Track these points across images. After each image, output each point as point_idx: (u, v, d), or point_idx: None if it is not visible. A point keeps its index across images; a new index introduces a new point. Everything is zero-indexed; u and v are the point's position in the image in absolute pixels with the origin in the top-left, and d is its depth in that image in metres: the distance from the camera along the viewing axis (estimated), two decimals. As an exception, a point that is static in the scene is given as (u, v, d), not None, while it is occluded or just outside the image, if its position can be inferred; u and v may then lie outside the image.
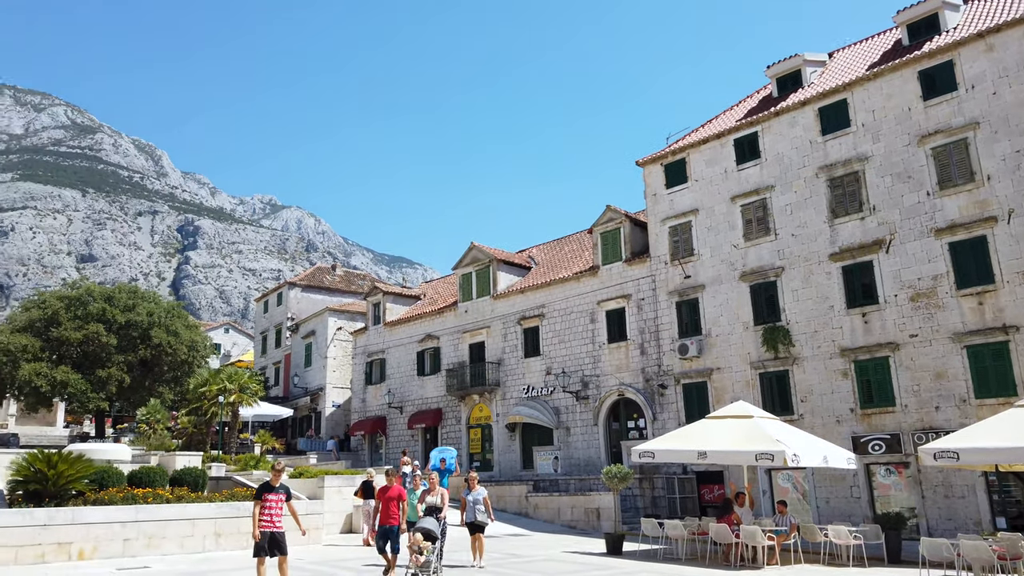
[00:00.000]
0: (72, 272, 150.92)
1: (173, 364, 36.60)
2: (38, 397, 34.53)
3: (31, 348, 33.51)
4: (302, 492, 21.77)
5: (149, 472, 19.52)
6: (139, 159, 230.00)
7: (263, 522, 11.49)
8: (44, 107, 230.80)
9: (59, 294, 37.51)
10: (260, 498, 11.69)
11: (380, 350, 40.32)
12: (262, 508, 11.55)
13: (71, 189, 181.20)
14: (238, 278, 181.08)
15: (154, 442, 31.46)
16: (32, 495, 16.45)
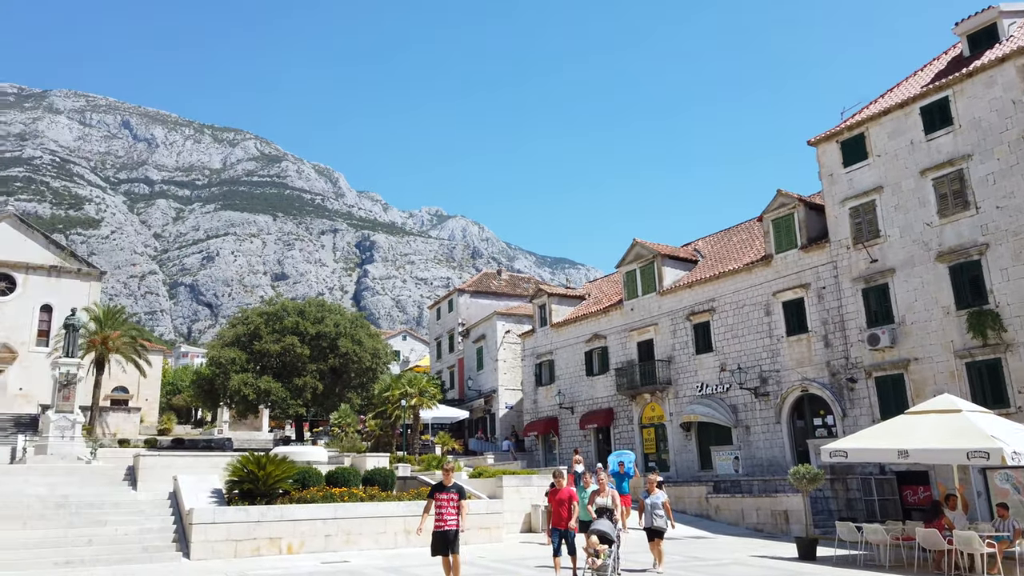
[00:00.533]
0: (268, 290, 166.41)
1: (359, 371, 39.13)
2: (246, 404, 38.27)
3: (238, 360, 37.18)
4: (482, 492, 22.40)
5: (344, 472, 20.92)
6: (319, 182, 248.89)
7: (436, 521, 11.73)
8: (237, 142, 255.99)
9: (259, 310, 41.36)
10: (432, 497, 11.96)
11: (548, 351, 40.76)
12: (436, 507, 11.78)
13: (263, 214, 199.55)
14: (411, 287, 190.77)
15: (346, 444, 33.77)
16: (246, 494, 18.14)
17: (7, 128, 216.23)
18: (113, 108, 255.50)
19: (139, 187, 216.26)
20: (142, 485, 20.61)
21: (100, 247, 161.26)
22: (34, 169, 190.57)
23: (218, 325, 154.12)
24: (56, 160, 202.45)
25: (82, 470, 23.38)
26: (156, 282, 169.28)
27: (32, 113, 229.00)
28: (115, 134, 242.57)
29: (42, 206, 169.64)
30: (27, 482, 19.92)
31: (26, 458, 29.56)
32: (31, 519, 16.51)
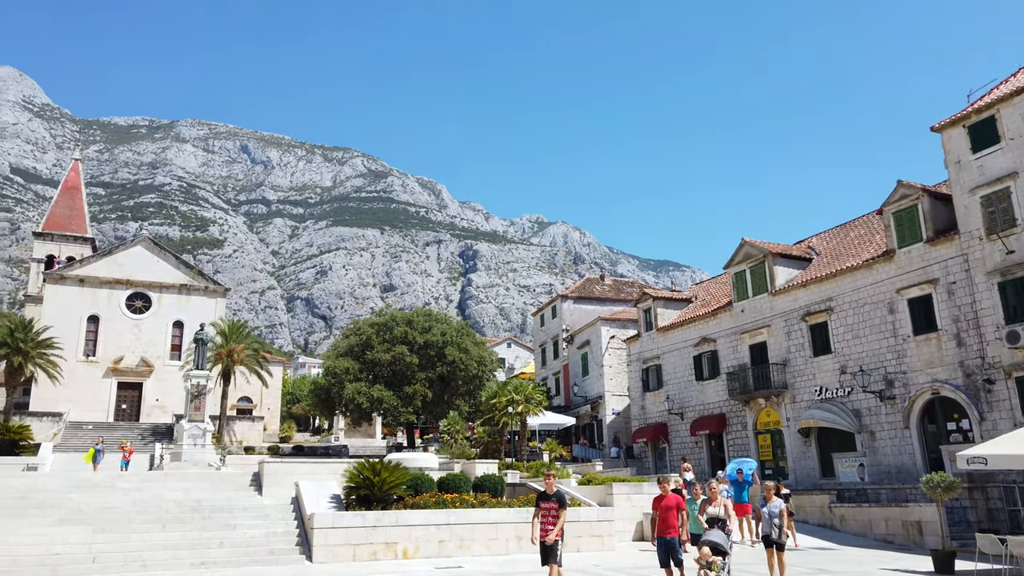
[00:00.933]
0: (378, 301, 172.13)
1: (466, 379, 39.76)
2: (360, 412, 39.63)
3: (352, 370, 38.58)
4: (592, 499, 22.17)
5: (455, 479, 21.22)
6: (423, 195, 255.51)
7: (540, 531, 11.39)
8: (346, 160, 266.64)
9: (370, 321, 42.81)
10: (537, 505, 11.68)
11: (655, 356, 40.01)
12: (540, 516, 11.50)
13: (371, 229, 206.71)
14: (514, 295, 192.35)
15: (456, 451, 34.33)
16: (363, 499, 18.70)
17: (140, 158, 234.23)
18: (232, 134, 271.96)
19: (257, 207, 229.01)
20: (267, 490, 21.64)
21: (224, 265, 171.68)
22: (164, 195, 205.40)
23: (332, 336, 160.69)
24: (183, 186, 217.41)
25: (212, 476, 24.80)
26: (275, 297, 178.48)
27: (162, 143, 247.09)
28: (235, 158, 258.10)
29: (172, 229, 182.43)
30: (165, 487, 21.32)
31: (163, 465, 31.76)
32: (169, 522, 17.65)
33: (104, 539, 16.19)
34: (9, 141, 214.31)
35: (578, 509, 20.22)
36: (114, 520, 17.25)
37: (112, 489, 20.50)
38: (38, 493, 19.53)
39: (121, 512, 18.01)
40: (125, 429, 47.03)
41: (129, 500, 19.25)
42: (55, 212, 69.42)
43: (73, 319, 53.59)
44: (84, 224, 69.51)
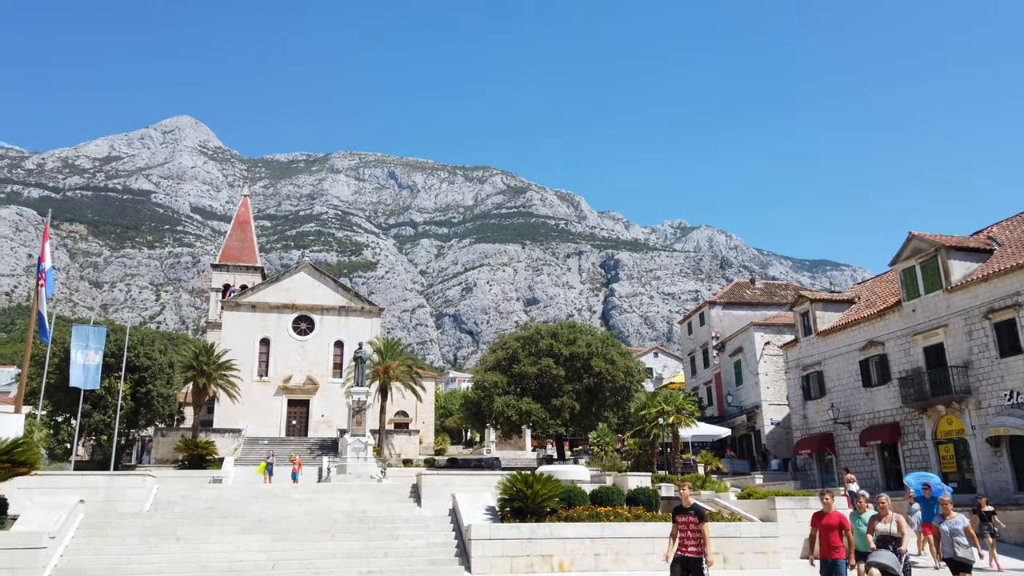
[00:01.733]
0: (522, 315, 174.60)
1: (613, 390, 39.30)
2: (510, 425, 40.21)
3: (500, 384, 39.23)
4: (753, 513, 21.11)
5: (607, 492, 20.89)
6: (562, 207, 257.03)
7: (678, 547, 10.73)
8: (486, 179, 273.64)
9: (515, 335, 43.43)
10: (674, 520, 11.02)
11: (815, 362, 37.68)
12: (678, 531, 10.83)
13: (513, 244, 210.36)
14: (659, 303, 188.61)
15: (606, 463, 33.92)
16: (517, 511, 18.81)
17: (300, 190, 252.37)
18: (381, 162, 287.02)
19: (405, 230, 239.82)
20: (425, 502, 22.31)
21: (377, 286, 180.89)
22: (322, 223, 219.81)
23: (479, 351, 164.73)
24: (338, 213, 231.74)
25: (374, 488, 25.92)
26: (424, 314, 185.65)
27: (318, 175, 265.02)
28: (383, 185, 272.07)
29: (330, 254, 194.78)
30: (333, 498, 22.52)
31: (331, 477, 33.64)
32: (338, 532, 18.60)
33: (281, 547, 17.29)
34: (189, 183, 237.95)
35: (739, 524, 19.31)
36: (290, 530, 18.40)
37: (287, 500, 21.92)
38: (223, 504, 21.22)
39: (296, 522, 19.18)
40: (295, 443, 50.37)
41: (302, 511, 20.49)
42: (229, 245, 76.07)
43: (247, 342, 58.26)
44: (254, 254, 75.64)
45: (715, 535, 18.82)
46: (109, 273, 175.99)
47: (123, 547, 16.49)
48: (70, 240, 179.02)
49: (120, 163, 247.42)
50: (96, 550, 16.22)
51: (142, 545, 16.61)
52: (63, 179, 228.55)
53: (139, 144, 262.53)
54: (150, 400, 42.62)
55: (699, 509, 10.98)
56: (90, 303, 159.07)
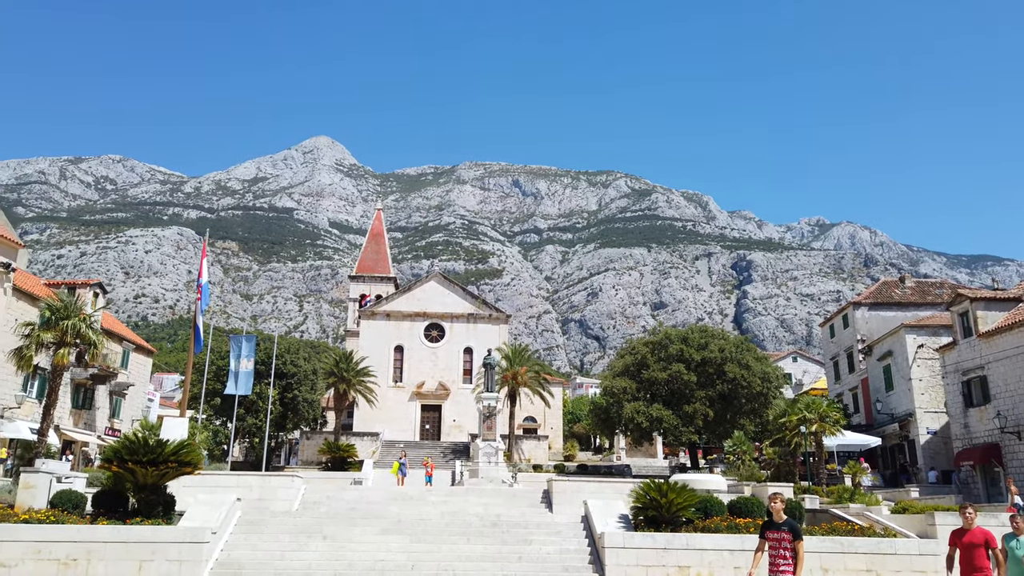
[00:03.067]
0: (649, 320, 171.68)
1: (749, 396, 37.70)
2: (640, 432, 39.47)
3: (629, 389, 38.61)
4: (909, 529, 19.56)
5: (746, 502, 20.03)
6: (689, 208, 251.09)
7: (769, 567, 9.81)
8: (609, 183, 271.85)
9: (644, 340, 42.61)
10: (763, 536, 10.09)
11: (977, 366, 34.51)
12: (768, 549, 9.89)
13: (638, 247, 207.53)
14: (796, 305, 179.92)
15: (744, 473, 32.56)
16: (651, 520, 18.39)
17: (428, 202, 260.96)
18: (505, 171, 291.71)
19: (530, 237, 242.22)
20: (557, 508, 22.28)
21: (503, 293, 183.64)
22: (449, 233, 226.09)
23: (606, 356, 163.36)
24: (465, 223, 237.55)
25: (506, 492, 26.19)
26: (550, 320, 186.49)
27: (445, 187, 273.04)
28: (508, 193, 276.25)
29: (457, 263, 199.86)
30: (467, 502, 22.95)
31: (463, 481, 34.35)
32: (473, 535, 18.90)
33: (420, 548, 17.78)
34: (327, 199, 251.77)
35: (894, 540, 17.98)
36: (427, 531, 18.90)
37: (423, 503, 22.55)
38: (364, 505, 22.11)
39: (432, 524, 19.68)
40: (429, 447, 51.86)
41: (438, 513, 20.99)
42: (364, 257, 79.72)
43: (383, 349, 60.69)
44: (387, 265, 78.85)
45: (867, 551, 17.60)
46: (258, 286, 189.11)
47: (276, 544, 17.51)
48: (223, 256, 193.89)
49: (266, 183, 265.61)
50: (252, 546, 17.31)
51: (293, 542, 17.57)
52: (217, 200, 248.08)
53: (282, 165, 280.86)
54: (296, 405, 45.22)
55: (793, 526, 9.98)
56: (242, 314, 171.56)
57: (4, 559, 15.12)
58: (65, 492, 17.50)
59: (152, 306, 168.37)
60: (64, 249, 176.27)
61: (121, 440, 17.67)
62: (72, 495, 17.34)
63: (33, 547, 15.29)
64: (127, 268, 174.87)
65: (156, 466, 16.61)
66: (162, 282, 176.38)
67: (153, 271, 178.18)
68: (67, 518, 16.19)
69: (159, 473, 16.81)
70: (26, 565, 15.16)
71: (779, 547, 9.71)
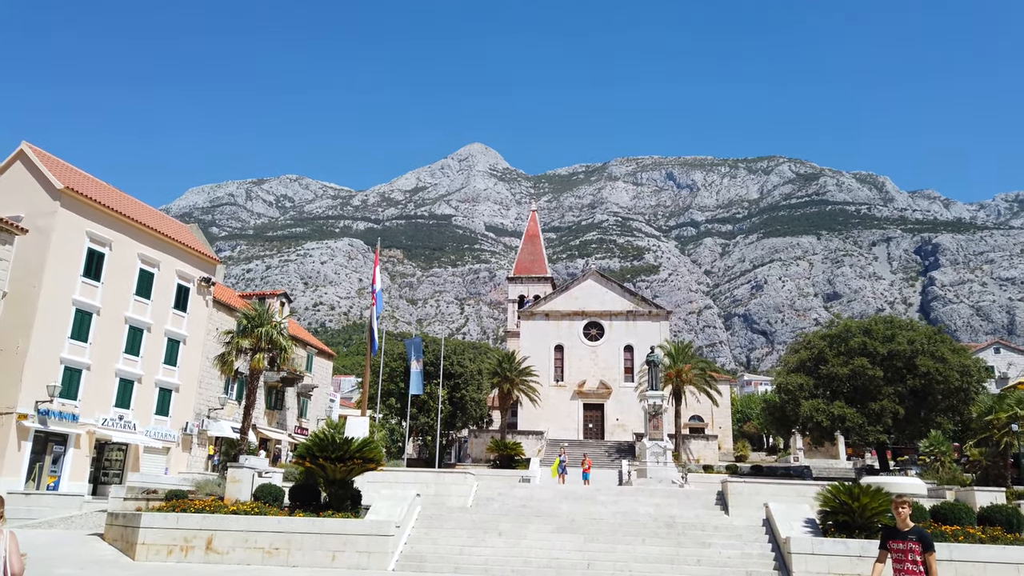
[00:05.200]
0: (821, 312, 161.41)
1: (946, 392, 34.30)
2: (820, 431, 37.03)
3: (806, 386, 36.35)
4: None
5: (952, 508, 18.13)
6: (862, 191, 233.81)
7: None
8: (771, 169, 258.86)
9: (820, 333, 39.99)
10: (884, 547, 8.67)
11: None
12: (892, 561, 8.50)
13: (806, 235, 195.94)
14: (994, 290, 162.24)
15: (944, 475, 29.68)
16: (841, 526, 17.09)
17: (581, 201, 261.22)
18: (658, 164, 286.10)
19: (687, 230, 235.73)
20: (733, 510, 21.32)
21: (660, 290, 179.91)
22: (603, 231, 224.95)
23: (775, 352, 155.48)
24: (618, 220, 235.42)
25: (677, 493, 25.45)
26: (712, 316, 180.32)
27: (597, 185, 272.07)
28: (662, 187, 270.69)
29: (612, 261, 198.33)
30: (637, 502, 22.50)
31: (631, 480, 33.84)
32: (648, 536, 18.47)
33: (594, 548, 17.62)
34: (482, 204, 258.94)
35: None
36: (600, 531, 18.71)
37: (593, 502, 22.38)
38: (535, 503, 22.30)
39: (605, 524, 19.47)
40: (593, 446, 51.67)
41: (609, 512, 20.75)
42: (521, 258, 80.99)
43: (543, 349, 61.28)
44: (544, 266, 79.63)
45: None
46: (421, 291, 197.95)
47: (455, 539, 18.03)
48: (390, 264, 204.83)
49: (425, 192, 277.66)
50: (433, 540, 17.94)
51: (470, 538, 18.01)
52: (382, 211, 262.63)
53: (440, 174, 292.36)
54: (464, 404, 46.71)
55: (922, 534, 8.53)
56: (408, 318, 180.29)
57: (219, 546, 16.66)
58: (265, 486, 19.00)
59: (329, 313, 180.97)
60: (252, 263, 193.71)
61: (311, 438, 18.93)
62: (272, 489, 18.80)
63: (242, 536, 16.72)
64: (306, 278, 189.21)
65: (343, 462, 17.64)
66: (336, 290, 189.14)
67: (328, 280, 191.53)
68: (269, 510, 17.56)
69: (346, 469, 17.83)
70: (237, 552, 16.61)
71: (905, 559, 8.40)
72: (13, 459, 28.34)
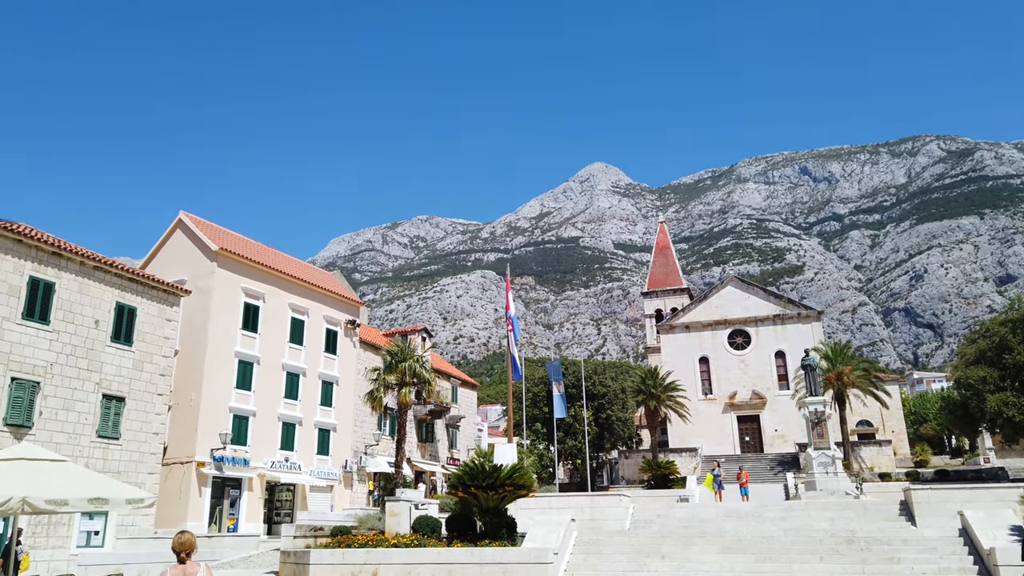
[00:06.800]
0: (995, 297, 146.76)
1: None
2: (1012, 427, 33.20)
3: (990, 379, 32.80)
4: None
5: None
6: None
7: None
8: (917, 150, 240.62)
9: (1000, 319, 36.14)
10: None
11: None
12: None
13: (966, 216, 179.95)
14: None
15: None
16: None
17: (710, 207, 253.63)
18: (789, 160, 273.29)
19: (829, 225, 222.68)
20: (920, 520, 19.29)
21: (807, 290, 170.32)
22: (737, 235, 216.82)
23: (946, 345, 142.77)
24: (753, 222, 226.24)
25: (853, 505, 23.46)
26: (868, 312, 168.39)
27: (725, 189, 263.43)
28: (796, 183, 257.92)
29: (751, 265, 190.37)
30: (809, 517, 20.85)
31: (799, 494, 31.64)
32: (825, 553, 16.98)
33: (766, 568, 16.39)
34: (608, 223, 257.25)
35: None
36: (772, 550, 17.42)
37: (760, 519, 20.97)
38: (696, 523, 21.19)
39: (776, 542, 18.14)
40: (753, 460, 49.08)
41: (779, 530, 19.34)
42: (653, 272, 79.29)
43: (686, 362, 59.27)
44: (678, 277, 77.51)
45: None
46: (556, 315, 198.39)
47: (614, 563, 17.35)
48: (522, 291, 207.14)
49: (550, 217, 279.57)
50: (592, 567, 17.35)
51: (632, 563, 17.26)
52: (510, 240, 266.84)
53: (563, 197, 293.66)
54: (610, 424, 45.84)
55: None
56: (546, 343, 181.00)
57: (382, 579, 16.89)
58: (423, 518, 19.19)
59: (469, 345, 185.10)
60: (394, 304, 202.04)
61: (462, 467, 18.97)
62: (429, 520, 18.96)
63: (404, 568, 16.88)
64: (444, 313, 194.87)
65: (495, 490, 17.49)
66: (474, 322, 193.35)
67: (465, 313, 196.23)
68: (428, 542, 17.67)
69: (498, 496, 17.67)
70: (400, 584, 16.77)
71: None
72: (196, 505, 30.50)
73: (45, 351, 24.88)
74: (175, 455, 30.90)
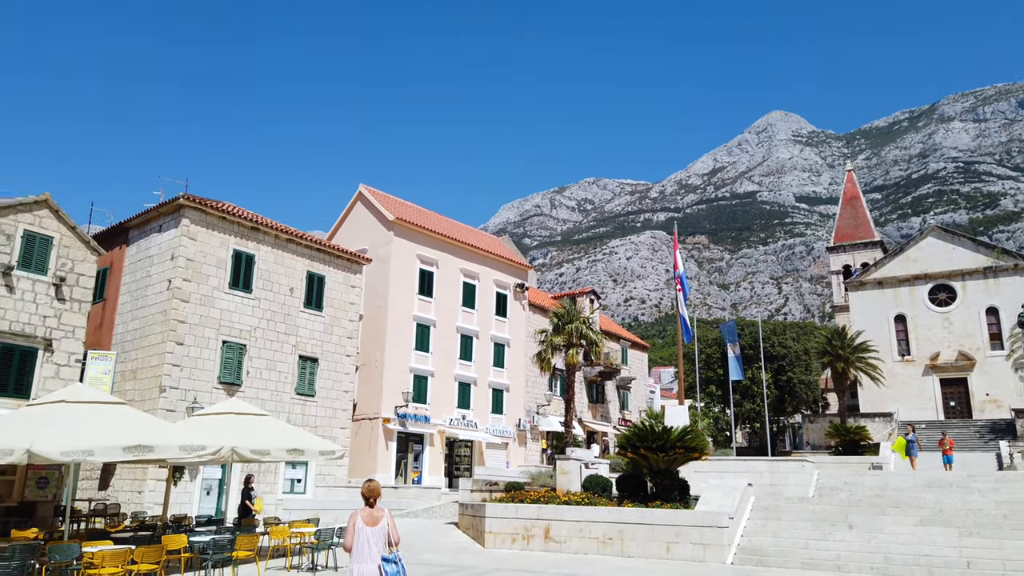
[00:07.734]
0: None
1: None
2: None
3: None
4: None
5: None
6: None
7: None
8: None
9: None
10: None
11: None
12: None
13: None
14: None
15: None
16: None
17: (907, 152, 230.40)
18: (1003, 94, 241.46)
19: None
20: None
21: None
22: (940, 181, 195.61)
23: None
24: (959, 166, 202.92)
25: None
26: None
27: (925, 130, 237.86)
28: (1013, 118, 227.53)
29: (956, 214, 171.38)
30: (1028, 490, 18.59)
31: (1015, 464, 28.32)
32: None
33: (972, 543, 14.77)
34: (788, 175, 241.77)
35: None
36: (980, 524, 15.67)
37: (967, 490, 18.98)
38: (890, 492, 19.58)
39: (986, 515, 16.32)
40: (959, 427, 44.61)
41: (991, 503, 17.40)
42: (841, 225, 73.41)
43: (879, 321, 54.59)
44: (869, 229, 71.25)
45: None
46: (732, 274, 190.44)
47: (796, 531, 16.44)
48: (695, 251, 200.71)
49: (724, 172, 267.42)
50: (772, 532, 16.55)
51: (815, 531, 16.26)
52: (680, 199, 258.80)
53: (737, 151, 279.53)
54: (792, 387, 43.47)
55: None
56: (722, 304, 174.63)
57: (556, 536, 17.17)
58: (593, 477, 19.25)
59: (640, 307, 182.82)
60: (563, 267, 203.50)
61: (631, 428, 18.73)
62: (599, 479, 18.98)
63: (576, 526, 17.05)
64: (614, 276, 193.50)
65: (664, 451, 17.13)
66: (644, 284, 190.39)
67: (636, 275, 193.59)
68: (598, 500, 17.70)
69: (668, 458, 17.29)
70: (573, 542, 16.95)
71: None
72: (383, 457, 32.74)
73: (249, 316, 27.54)
74: (363, 411, 33.26)
